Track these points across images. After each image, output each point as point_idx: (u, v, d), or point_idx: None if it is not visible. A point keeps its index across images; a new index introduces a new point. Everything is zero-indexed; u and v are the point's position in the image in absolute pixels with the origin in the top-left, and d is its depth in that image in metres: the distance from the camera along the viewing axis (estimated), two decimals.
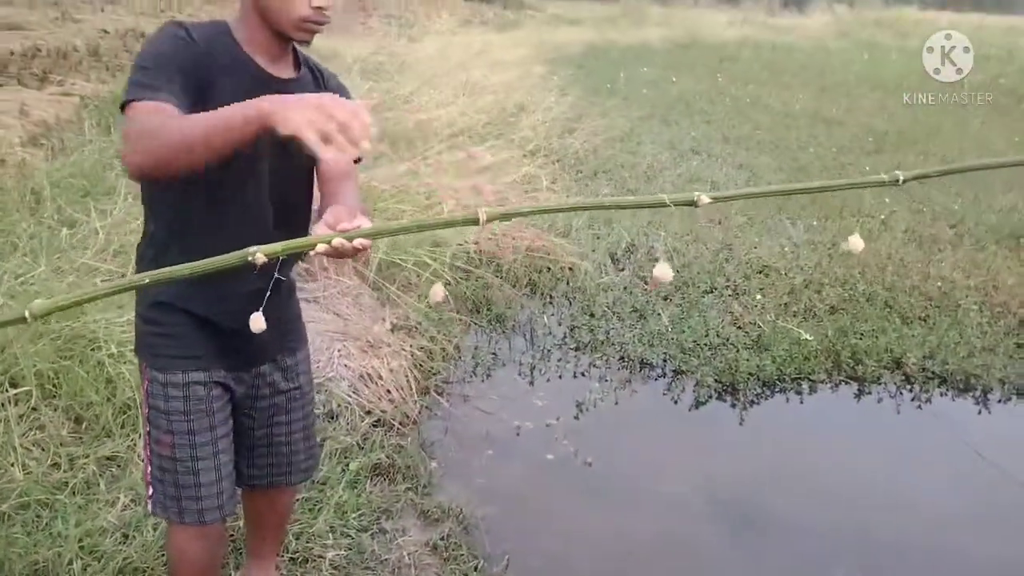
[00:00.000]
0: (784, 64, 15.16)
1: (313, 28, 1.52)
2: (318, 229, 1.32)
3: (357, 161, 1.71)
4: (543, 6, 26.36)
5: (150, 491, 1.70)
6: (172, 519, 1.69)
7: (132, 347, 2.80)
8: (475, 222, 1.08)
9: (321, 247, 1.19)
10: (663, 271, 1.22)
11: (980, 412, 3.87)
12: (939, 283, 4.95)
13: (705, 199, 1.02)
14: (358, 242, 1.22)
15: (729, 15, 24.82)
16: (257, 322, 1.23)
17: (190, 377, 1.65)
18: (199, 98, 1.42)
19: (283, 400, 1.83)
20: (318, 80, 1.67)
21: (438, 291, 1.26)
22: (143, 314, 1.69)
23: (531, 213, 1.33)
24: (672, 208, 1.20)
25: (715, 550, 2.84)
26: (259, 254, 1.07)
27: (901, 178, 1.01)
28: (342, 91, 1.69)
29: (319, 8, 1.48)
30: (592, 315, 4.39)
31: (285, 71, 1.58)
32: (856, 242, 1.29)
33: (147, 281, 1.06)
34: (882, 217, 6.21)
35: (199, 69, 1.44)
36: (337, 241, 1.18)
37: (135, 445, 2.60)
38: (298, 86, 1.57)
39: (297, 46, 1.62)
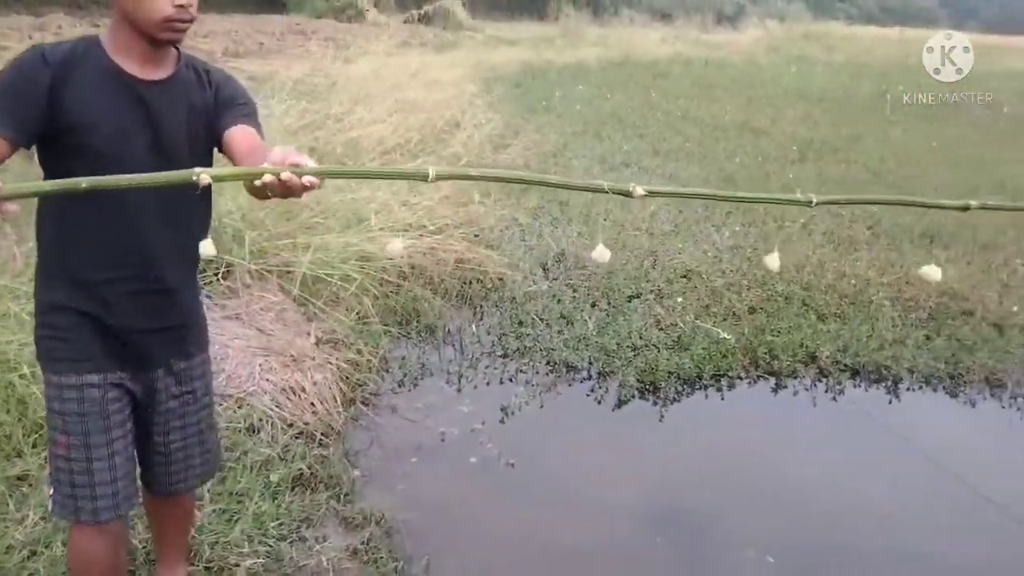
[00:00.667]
0: (715, 78, 15.60)
1: (178, 27, 1.57)
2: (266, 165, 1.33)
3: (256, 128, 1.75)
4: (482, 27, 26.63)
5: (51, 491, 1.73)
6: (69, 518, 1.71)
7: None
8: (424, 178, 1.16)
9: (268, 178, 1.24)
10: (601, 253, 1.35)
11: (891, 401, 4.05)
12: (854, 281, 5.16)
13: (640, 191, 1.17)
14: (307, 179, 1.26)
15: (662, 33, 25.40)
16: (207, 247, 1.31)
17: (84, 379, 1.68)
18: (54, 111, 1.52)
19: (177, 404, 1.86)
20: (201, 78, 1.71)
21: (396, 245, 1.35)
22: (40, 319, 1.73)
23: (478, 178, 1.40)
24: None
25: (639, 549, 2.92)
26: (204, 175, 1.13)
27: (814, 200, 1.22)
28: (230, 82, 1.75)
29: (181, 6, 1.54)
30: (521, 323, 4.47)
31: (156, 73, 1.63)
32: (773, 261, 1.42)
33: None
34: (802, 221, 6.43)
35: (51, 88, 1.52)
36: (286, 175, 1.23)
37: (46, 463, 2.58)
38: (172, 85, 1.64)
39: (179, 48, 1.67)
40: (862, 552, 2.94)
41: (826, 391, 4.05)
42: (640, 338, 4.27)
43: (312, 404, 3.35)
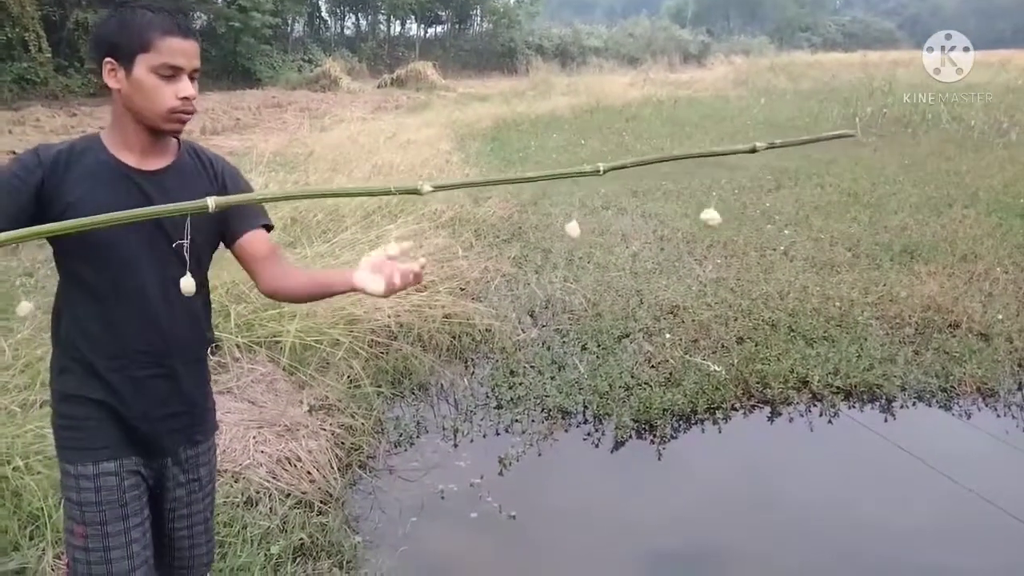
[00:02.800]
0: (685, 117, 15.89)
1: (182, 118, 1.63)
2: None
3: (269, 229, 1.83)
4: (454, 86, 27.14)
5: None
6: None
7: (38, 458, 2.80)
8: (416, 191, 1.20)
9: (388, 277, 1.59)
10: (572, 228, 1.44)
11: (887, 419, 4.06)
12: (838, 303, 5.21)
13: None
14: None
15: (631, 77, 25.91)
16: (187, 286, 1.44)
17: (100, 468, 1.69)
18: (46, 207, 1.57)
19: (184, 493, 1.86)
20: (204, 166, 1.76)
21: (574, 227, 1.44)
22: (55, 408, 1.75)
23: (467, 185, 1.45)
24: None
25: None
26: (210, 200, 1.18)
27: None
28: (238, 180, 1.80)
29: (185, 99, 1.61)
30: (512, 372, 4.48)
31: (156, 163, 1.68)
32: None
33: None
34: (782, 249, 6.51)
35: (41, 185, 1.57)
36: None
37: (45, 555, 2.56)
38: (172, 173, 1.68)
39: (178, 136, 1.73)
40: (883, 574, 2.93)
41: (821, 415, 4.06)
42: (632, 377, 4.28)
43: (309, 472, 3.33)
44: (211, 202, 1.22)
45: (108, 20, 1.63)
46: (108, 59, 1.59)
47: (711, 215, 1.38)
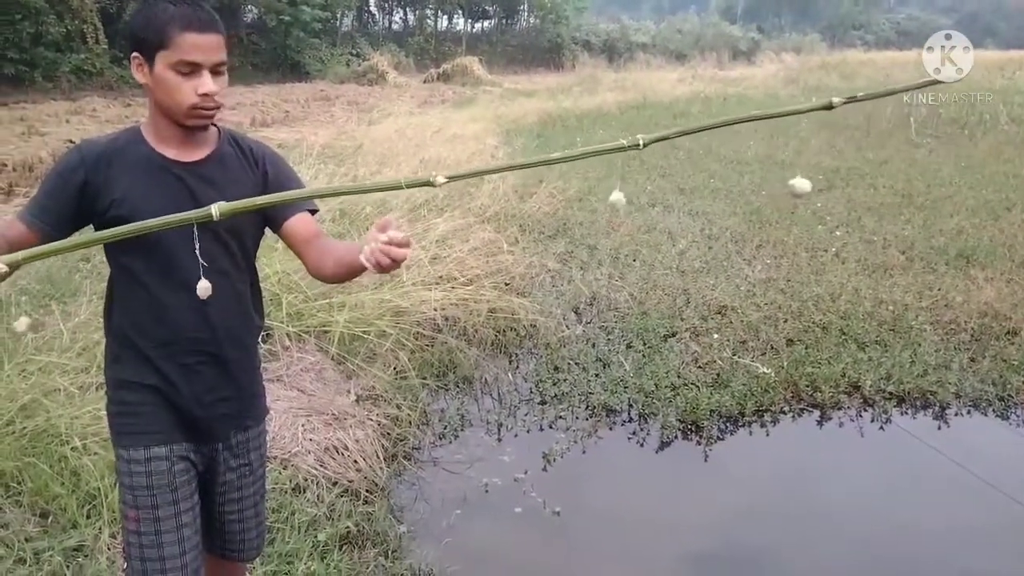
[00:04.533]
0: (734, 114, 15.61)
1: (203, 114, 1.62)
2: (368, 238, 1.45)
3: (313, 212, 1.82)
4: (499, 81, 27.14)
5: (124, 564, 1.76)
6: None
7: (95, 439, 2.87)
8: (429, 184, 1.21)
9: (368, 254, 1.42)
10: (617, 197, 1.33)
11: (940, 427, 3.96)
12: (891, 307, 5.10)
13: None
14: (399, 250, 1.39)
15: (679, 73, 25.65)
16: (203, 290, 1.48)
17: (151, 452, 1.72)
18: (91, 204, 1.62)
19: (234, 477, 1.89)
20: (245, 154, 1.77)
21: (804, 183, 1.33)
22: (110, 395, 1.79)
23: (482, 173, 1.43)
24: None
25: None
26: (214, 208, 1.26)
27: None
28: (278, 163, 1.81)
29: (205, 95, 1.59)
30: (557, 368, 4.47)
31: (195, 154, 1.69)
32: (802, 183, 1.34)
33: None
34: (834, 250, 6.39)
35: (84, 184, 1.62)
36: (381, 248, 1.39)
37: (102, 533, 2.62)
38: (212, 163, 1.69)
39: (218, 125, 1.75)
40: None
41: (872, 421, 3.98)
42: (678, 377, 4.24)
43: (355, 461, 3.37)
44: (214, 209, 1.32)
45: (136, 14, 1.64)
46: (135, 54, 1.61)
47: (801, 183, 1.26)
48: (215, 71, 1.60)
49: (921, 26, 63.94)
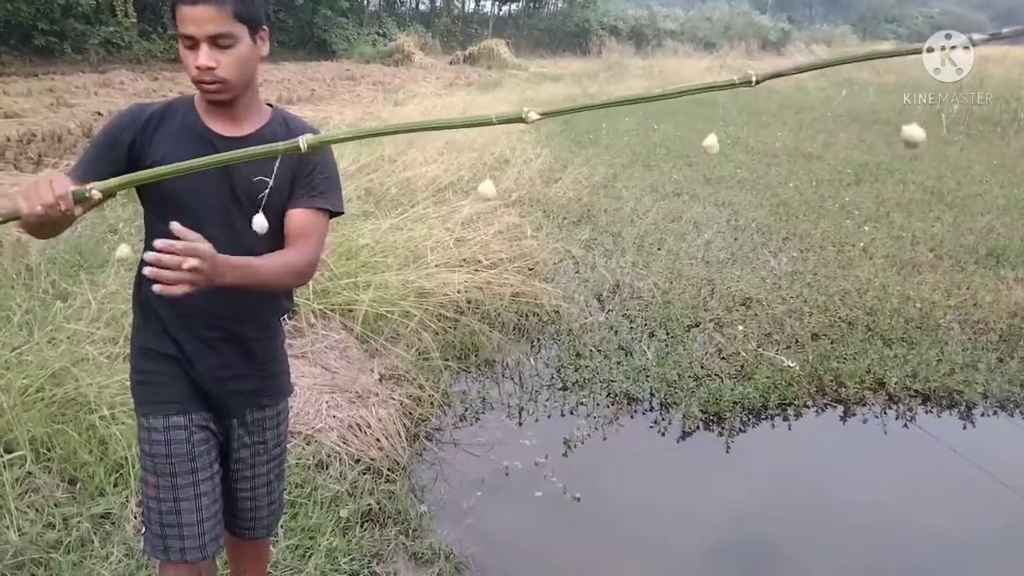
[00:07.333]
0: (763, 105, 15.50)
1: (204, 88, 1.61)
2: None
3: (339, 214, 1.80)
4: (525, 65, 26.98)
5: (143, 530, 1.78)
6: (159, 556, 1.76)
7: (123, 408, 2.90)
8: (521, 120, 1.23)
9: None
10: (712, 141, 1.34)
11: (965, 427, 3.92)
12: (919, 304, 5.04)
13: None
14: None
15: (707, 61, 25.40)
16: (259, 226, 1.53)
17: (170, 421, 1.73)
18: (136, 164, 1.62)
19: (247, 455, 1.90)
20: (287, 132, 1.75)
21: (489, 187, 1.39)
22: (133, 363, 1.80)
23: (578, 110, 1.43)
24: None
25: None
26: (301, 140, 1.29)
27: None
28: (318, 153, 1.79)
29: (199, 68, 1.57)
30: (579, 355, 4.46)
31: (239, 130, 1.68)
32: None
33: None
34: (862, 245, 6.32)
35: (132, 144, 1.64)
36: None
37: (128, 501, 2.66)
38: (253, 141, 1.65)
39: (273, 105, 1.76)
40: None
41: (897, 418, 3.94)
42: (702, 368, 4.22)
43: (377, 440, 3.39)
44: (302, 141, 1.29)
45: None
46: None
47: (914, 131, 1.22)
48: (216, 44, 1.55)
49: (956, 21, 62.83)
